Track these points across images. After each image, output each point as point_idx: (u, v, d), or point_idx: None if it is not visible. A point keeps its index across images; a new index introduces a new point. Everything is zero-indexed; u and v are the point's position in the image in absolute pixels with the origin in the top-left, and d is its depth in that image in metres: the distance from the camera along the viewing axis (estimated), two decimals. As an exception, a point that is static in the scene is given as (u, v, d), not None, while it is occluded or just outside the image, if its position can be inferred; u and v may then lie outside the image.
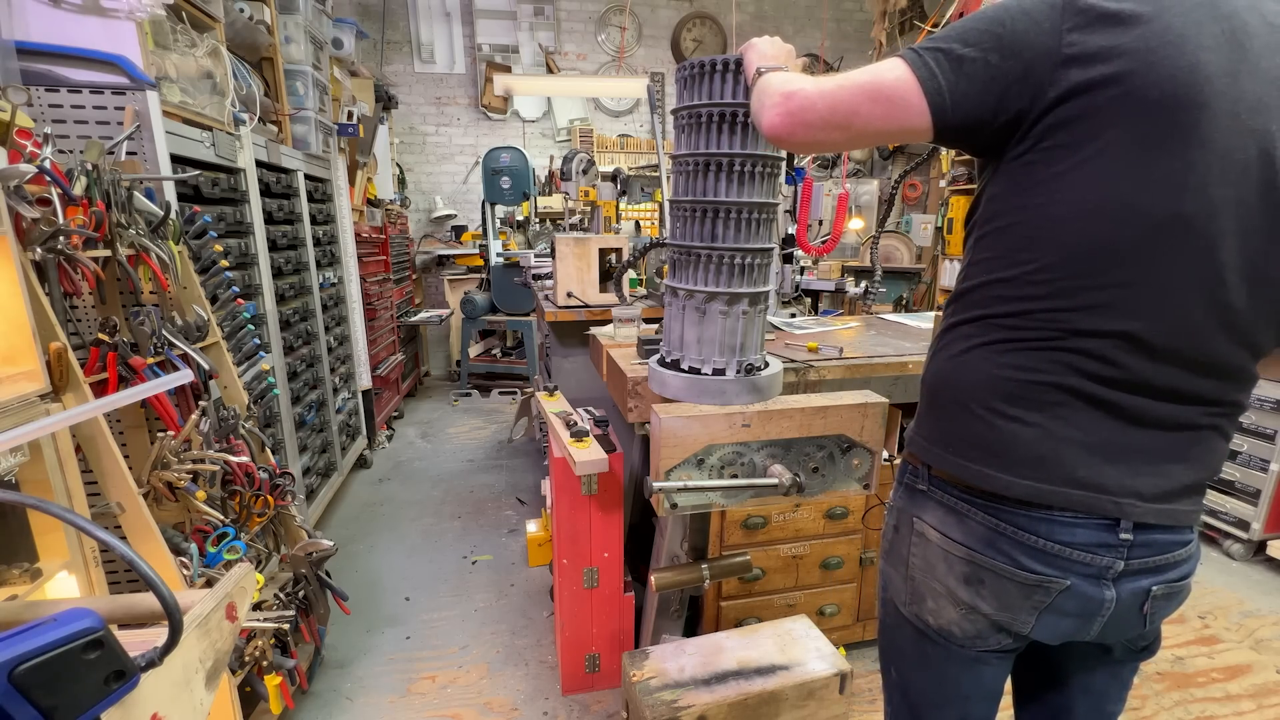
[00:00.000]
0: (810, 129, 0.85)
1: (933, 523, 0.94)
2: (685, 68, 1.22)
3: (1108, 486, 0.82)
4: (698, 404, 1.30)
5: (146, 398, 1.43)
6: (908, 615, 1.01)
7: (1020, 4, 0.77)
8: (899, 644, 1.06)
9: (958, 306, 0.93)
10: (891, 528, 1.04)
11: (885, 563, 1.06)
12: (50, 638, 0.54)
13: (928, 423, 0.97)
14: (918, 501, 0.97)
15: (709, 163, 1.23)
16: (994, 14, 0.78)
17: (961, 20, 0.81)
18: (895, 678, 1.09)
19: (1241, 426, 2.75)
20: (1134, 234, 0.76)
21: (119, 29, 1.68)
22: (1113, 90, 0.72)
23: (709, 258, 1.27)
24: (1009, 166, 0.82)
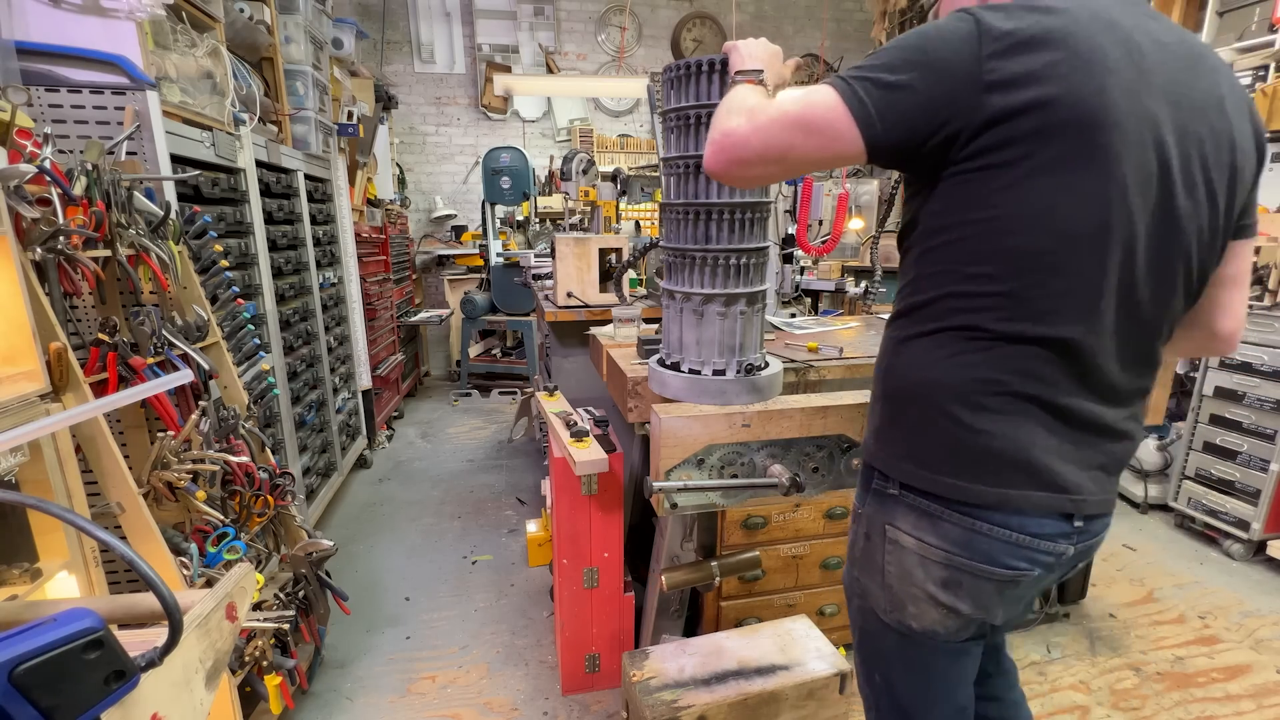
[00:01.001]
0: (746, 166, 0.86)
1: (906, 528, 0.95)
2: (672, 69, 1.22)
3: (1066, 486, 0.88)
4: (698, 404, 1.30)
5: (146, 398, 1.43)
6: (889, 622, 1.01)
7: (939, 32, 0.81)
8: (883, 650, 1.07)
9: (910, 320, 0.94)
10: (862, 535, 1.03)
11: (857, 571, 1.05)
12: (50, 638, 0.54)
13: (892, 437, 0.97)
14: (888, 508, 0.97)
15: (700, 164, 1.23)
16: (916, 42, 0.82)
17: (885, 49, 0.84)
18: (881, 682, 1.09)
19: (1241, 427, 2.75)
20: (1069, 243, 0.81)
21: (119, 29, 1.68)
22: (1036, 115, 0.77)
23: (704, 260, 1.27)
24: (948, 184, 0.85)
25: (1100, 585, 2.59)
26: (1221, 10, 3.15)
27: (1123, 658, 2.19)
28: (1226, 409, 2.81)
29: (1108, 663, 2.16)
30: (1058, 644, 2.25)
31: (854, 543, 1.05)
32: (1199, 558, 2.83)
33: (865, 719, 1.17)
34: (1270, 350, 2.64)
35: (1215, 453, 2.87)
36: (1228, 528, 2.80)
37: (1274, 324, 2.62)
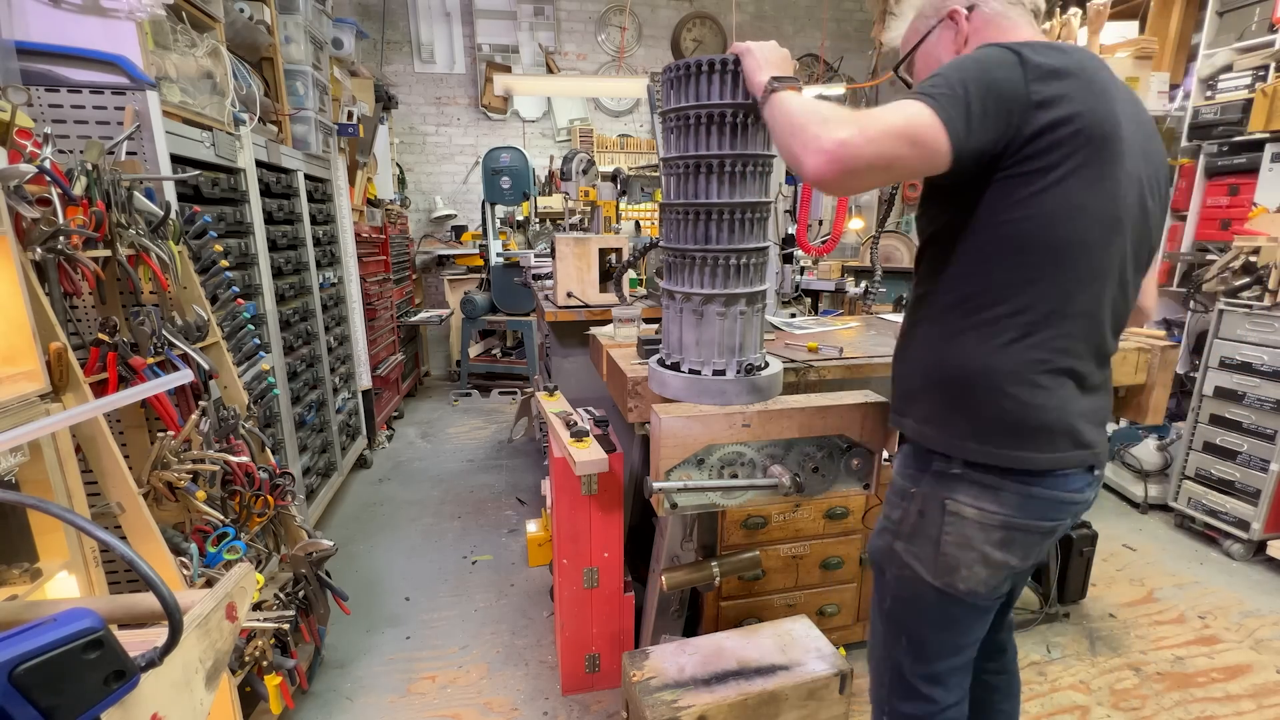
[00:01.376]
0: (856, 175, 0.91)
1: (968, 501, 1.07)
2: (672, 70, 1.22)
3: (1091, 443, 1.06)
4: (698, 404, 1.30)
5: (146, 398, 1.43)
6: (938, 585, 1.12)
7: (990, 59, 0.95)
8: (922, 612, 1.18)
9: (960, 311, 1.06)
10: (915, 512, 1.13)
11: (903, 544, 1.16)
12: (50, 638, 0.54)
13: (953, 421, 1.07)
14: (949, 485, 1.08)
15: (699, 165, 1.23)
16: (977, 67, 0.94)
17: (950, 70, 0.95)
18: (907, 643, 1.21)
19: (1241, 427, 2.75)
20: (1094, 233, 0.99)
21: (119, 29, 1.68)
22: (1069, 127, 0.93)
23: (704, 260, 1.27)
24: (997, 187, 0.98)
25: (1100, 585, 2.59)
26: (1221, 10, 3.15)
27: (1123, 658, 2.19)
28: (1226, 409, 2.81)
29: (1108, 663, 2.16)
30: (1058, 644, 2.25)
31: (901, 520, 1.15)
32: (1199, 558, 2.83)
33: (878, 686, 1.28)
34: (1270, 350, 2.64)
35: (1215, 453, 2.87)
36: (1228, 528, 2.80)
37: (1274, 324, 2.62)
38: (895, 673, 1.23)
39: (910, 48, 1.21)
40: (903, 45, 1.24)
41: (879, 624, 1.26)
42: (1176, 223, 3.48)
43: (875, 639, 1.29)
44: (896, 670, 1.23)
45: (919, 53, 1.20)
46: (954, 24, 1.13)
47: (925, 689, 1.21)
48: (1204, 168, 3.28)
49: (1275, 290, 2.60)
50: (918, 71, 1.22)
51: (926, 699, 1.21)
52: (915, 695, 1.21)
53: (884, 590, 1.22)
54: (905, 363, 1.18)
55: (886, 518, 1.20)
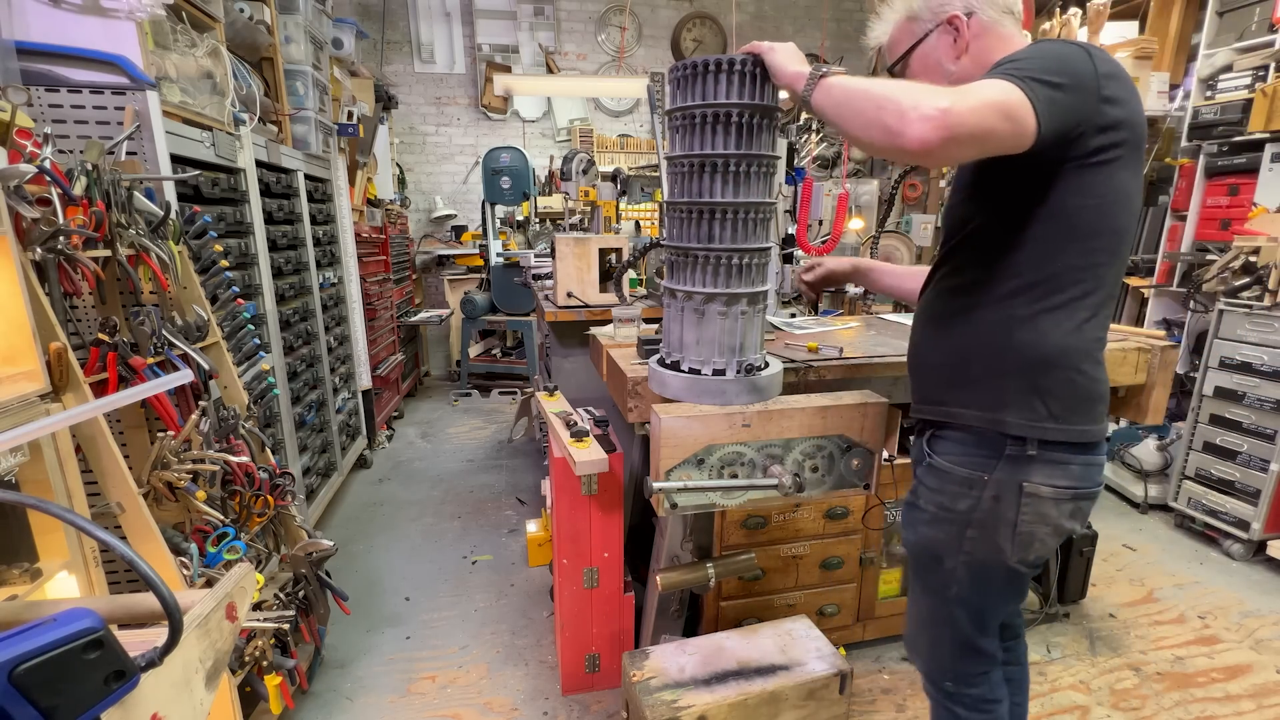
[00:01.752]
0: (957, 144, 0.92)
1: (1041, 480, 1.12)
2: (678, 69, 1.22)
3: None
4: (698, 404, 1.30)
5: (146, 398, 1.43)
6: (1011, 564, 1.18)
7: (1067, 54, 1.00)
8: (989, 588, 1.24)
9: (1032, 295, 1.10)
10: (989, 499, 1.15)
11: (975, 530, 1.19)
12: (50, 638, 0.54)
13: (1031, 405, 1.11)
14: (1024, 468, 1.13)
15: (704, 164, 1.23)
16: (1057, 58, 0.98)
17: (1028, 56, 0.99)
18: (969, 619, 1.26)
19: (1241, 427, 2.75)
20: (1132, 220, 1.11)
21: (119, 29, 1.68)
22: (1126, 124, 1.02)
23: (706, 259, 1.27)
24: (1067, 176, 1.03)
25: (1100, 585, 2.59)
26: (1221, 10, 3.15)
27: (1123, 658, 2.19)
28: (1226, 409, 2.81)
29: (1108, 663, 2.16)
30: (1058, 644, 2.25)
31: (971, 509, 1.17)
32: (1199, 558, 2.83)
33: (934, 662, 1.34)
34: (1270, 350, 2.64)
35: (1215, 453, 2.87)
36: (1228, 528, 2.80)
37: (1274, 324, 2.62)
38: (957, 644, 1.29)
39: (905, 50, 1.21)
40: (893, 46, 1.24)
41: (938, 609, 1.29)
42: (1176, 223, 3.49)
43: (928, 623, 1.33)
44: (959, 643, 1.29)
45: (915, 55, 1.20)
46: (953, 29, 1.15)
47: (985, 646, 1.30)
48: (1204, 168, 3.28)
49: (1275, 290, 2.60)
50: (913, 74, 1.22)
51: (987, 655, 1.30)
52: (978, 655, 1.30)
53: (945, 578, 1.24)
54: (952, 351, 1.19)
55: (945, 509, 1.19)
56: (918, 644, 1.38)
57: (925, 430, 1.28)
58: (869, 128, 0.98)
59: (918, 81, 1.15)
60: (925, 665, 1.37)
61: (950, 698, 1.32)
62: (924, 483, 1.25)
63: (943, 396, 1.20)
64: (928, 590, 1.30)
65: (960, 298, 1.17)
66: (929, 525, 1.24)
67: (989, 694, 1.32)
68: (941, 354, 1.21)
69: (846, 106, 1.02)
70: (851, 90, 1.01)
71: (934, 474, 1.22)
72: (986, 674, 1.31)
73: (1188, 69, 3.60)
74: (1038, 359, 1.10)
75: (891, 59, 1.25)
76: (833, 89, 1.04)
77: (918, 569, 1.32)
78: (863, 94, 0.99)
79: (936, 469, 1.22)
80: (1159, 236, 3.62)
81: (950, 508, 1.19)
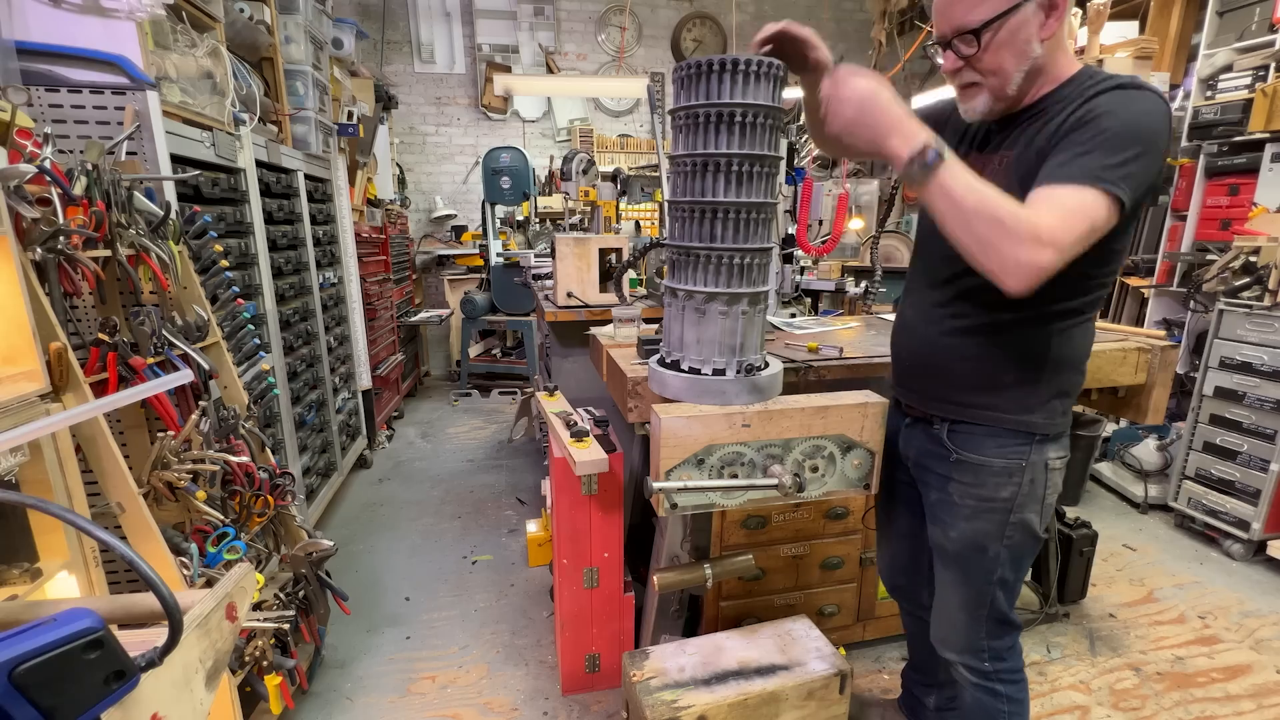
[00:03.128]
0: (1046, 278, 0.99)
1: (1054, 454, 1.26)
2: (683, 68, 1.22)
3: None
4: (698, 404, 1.30)
5: (146, 398, 1.43)
6: (1040, 535, 1.31)
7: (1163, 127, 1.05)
8: (1023, 562, 1.34)
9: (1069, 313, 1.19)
10: (1027, 482, 1.25)
11: (1018, 514, 1.27)
12: (50, 638, 0.54)
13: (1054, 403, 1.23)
14: (1046, 448, 1.25)
15: (707, 163, 1.23)
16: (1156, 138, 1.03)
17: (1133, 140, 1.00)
18: (1004, 594, 1.34)
19: (1241, 427, 2.75)
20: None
21: (119, 29, 1.68)
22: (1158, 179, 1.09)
23: (708, 258, 1.27)
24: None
25: (1100, 585, 2.59)
26: (1221, 10, 3.15)
27: (1123, 658, 2.19)
28: (1226, 409, 2.81)
29: (1108, 663, 2.16)
30: (1058, 644, 2.25)
31: (1014, 495, 1.26)
32: (1199, 558, 2.83)
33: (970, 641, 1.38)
34: (1270, 350, 2.63)
35: (1215, 453, 2.87)
36: (1228, 528, 2.80)
37: (1274, 324, 2.62)
38: (995, 623, 1.36)
39: (997, 13, 1.07)
40: (975, 6, 1.08)
41: (979, 595, 1.34)
42: (1176, 223, 3.49)
43: (968, 611, 1.37)
44: (997, 620, 1.36)
45: (1007, 25, 1.07)
46: (1055, 9, 1.07)
47: (1014, 618, 1.38)
48: (1204, 168, 3.28)
49: (1275, 290, 2.60)
50: (997, 45, 1.09)
51: (1016, 626, 1.39)
52: (1011, 627, 1.39)
53: (989, 564, 1.31)
54: (985, 360, 1.24)
55: (986, 499, 1.27)
56: (952, 637, 1.41)
57: (936, 423, 1.33)
58: (973, 246, 1.01)
59: (996, 70, 1.11)
60: (963, 654, 1.40)
61: (988, 676, 1.39)
62: (955, 479, 1.30)
63: (970, 399, 1.27)
64: (969, 580, 1.34)
65: (997, 312, 1.18)
66: (970, 519, 1.30)
67: (1017, 663, 1.42)
68: (972, 361, 1.25)
69: (949, 217, 1.02)
70: (961, 205, 1.00)
71: (968, 469, 1.28)
72: (1014, 644, 1.41)
73: (1188, 69, 3.60)
74: (1064, 368, 1.23)
75: (976, 17, 1.08)
76: (940, 191, 1.01)
77: (959, 562, 1.35)
78: (975, 209, 0.99)
79: (969, 464, 1.27)
80: (1159, 236, 3.62)
81: (992, 497, 1.26)
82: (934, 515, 1.38)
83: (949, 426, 1.30)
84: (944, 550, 1.36)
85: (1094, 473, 3.49)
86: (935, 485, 1.36)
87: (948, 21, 1.12)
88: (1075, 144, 1.03)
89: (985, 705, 1.40)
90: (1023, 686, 1.41)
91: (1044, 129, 1.10)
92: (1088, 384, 1.75)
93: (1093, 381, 1.76)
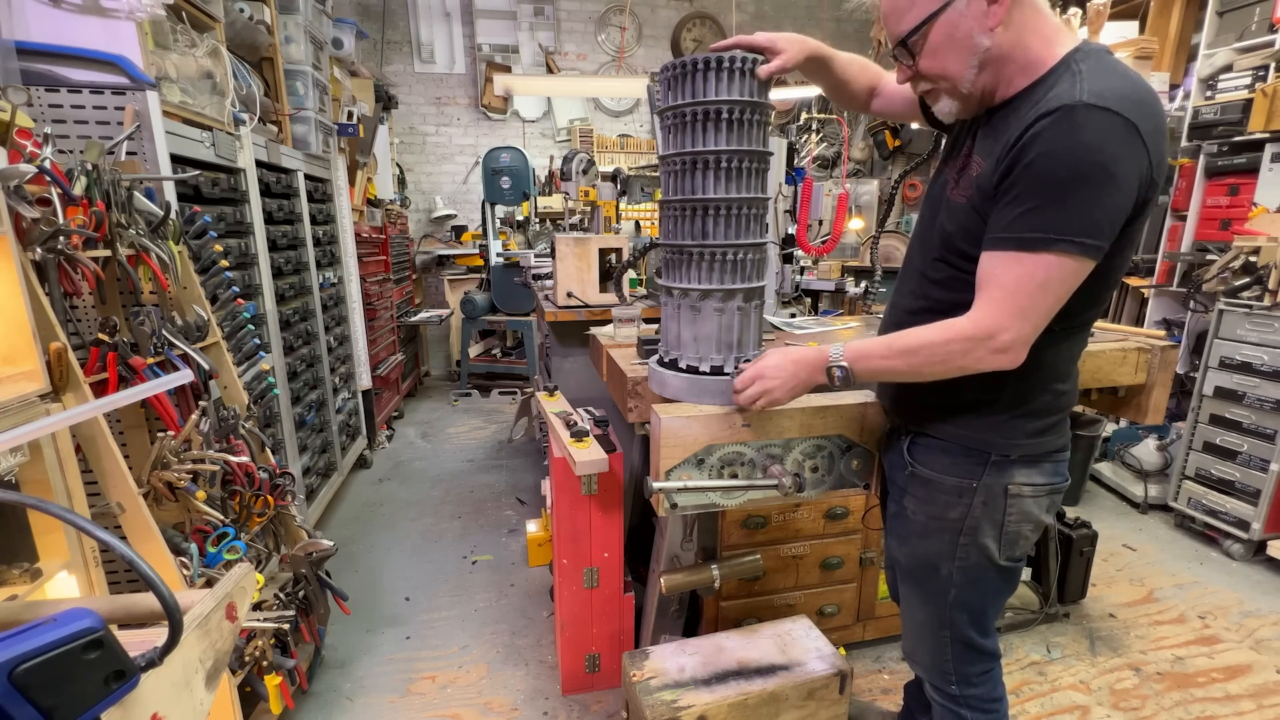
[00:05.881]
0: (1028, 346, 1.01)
1: (1024, 480, 1.15)
2: (668, 69, 1.22)
3: None
4: (698, 404, 1.30)
5: (146, 398, 1.43)
6: (1000, 562, 1.20)
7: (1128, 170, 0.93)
8: (985, 589, 1.25)
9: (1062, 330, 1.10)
10: (979, 504, 1.17)
11: (967, 537, 1.19)
12: (50, 638, 0.54)
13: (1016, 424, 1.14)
14: (1005, 472, 1.15)
15: (696, 161, 1.23)
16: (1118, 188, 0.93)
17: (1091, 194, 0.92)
18: (970, 621, 1.27)
19: (1241, 427, 2.75)
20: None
21: (119, 29, 1.68)
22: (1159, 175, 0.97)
23: (701, 255, 1.27)
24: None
25: (1100, 585, 2.59)
26: (1221, 10, 3.15)
27: (1123, 658, 2.19)
28: (1226, 409, 2.81)
29: (1108, 663, 2.16)
30: (1058, 644, 2.25)
31: (963, 516, 1.18)
32: (1199, 558, 2.83)
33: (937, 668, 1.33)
34: (1270, 350, 2.63)
35: (1215, 453, 2.87)
36: (1228, 528, 2.80)
37: (1274, 324, 2.62)
38: (961, 648, 1.29)
39: (925, 16, 1.00)
40: (903, 12, 1.02)
41: (938, 615, 1.28)
42: (1176, 223, 3.48)
43: (928, 630, 1.32)
44: (963, 646, 1.29)
45: (938, 25, 1.00)
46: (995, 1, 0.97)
47: (987, 645, 1.30)
48: (1204, 168, 3.28)
49: (1275, 290, 2.60)
50: (934, 49, 1.02)
51: (989, 653, 1.31)
52: (980, 655, 1.30)
53: (942, 585, 1.25)
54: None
55: (936, 518, 1.21)
56: (918, 653, 1.37)
57: (902, 433, 1.29)
58: (947, 374, 1.06)
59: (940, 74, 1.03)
60: (928, 672, 1.36)
61: (955, 700, 1.33)
62: (910, 492, 1.26)
63: (929, 414, 1.20)
64: (925, 599, 1.29)
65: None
66: (921, 537, 1.24)
67: (993, 692, 1.33)
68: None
69: (908, 374, 1.10)
70: (896, 365, 1.08)
71: (920, 484, 1.23)
72: (989, 672, 1.32)
73: (1188, 69, 3.60)
74: (1032, 388, 1.12)
75: (903, 28, 1.03)
76: (878, 369, 1.10)
77: (913, 579, 1.31)
78: (913, 366, 1.07)
79: (922, 479, 1.22)
80: (1159, 236, 3.62)
81: (942, 516, 1.20)
82: (890, 528, 1.37)
83: (910, 439, 1.25)
84: (900, 565, 1.34)
85: (1094, 473, 3.49)
86: (894, 497, 1.33)
87: (890, 33, 1.08)
88: (1015, 194, 0.95)
89: None
90: (998, 717, 1.33)
91: (1005, 136, 0.99)
92: (1088, 384, 1.75)
93: (1093, 381, 1.76)
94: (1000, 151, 0.98)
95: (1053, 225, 0.93)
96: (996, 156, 0.99)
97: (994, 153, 1.00)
